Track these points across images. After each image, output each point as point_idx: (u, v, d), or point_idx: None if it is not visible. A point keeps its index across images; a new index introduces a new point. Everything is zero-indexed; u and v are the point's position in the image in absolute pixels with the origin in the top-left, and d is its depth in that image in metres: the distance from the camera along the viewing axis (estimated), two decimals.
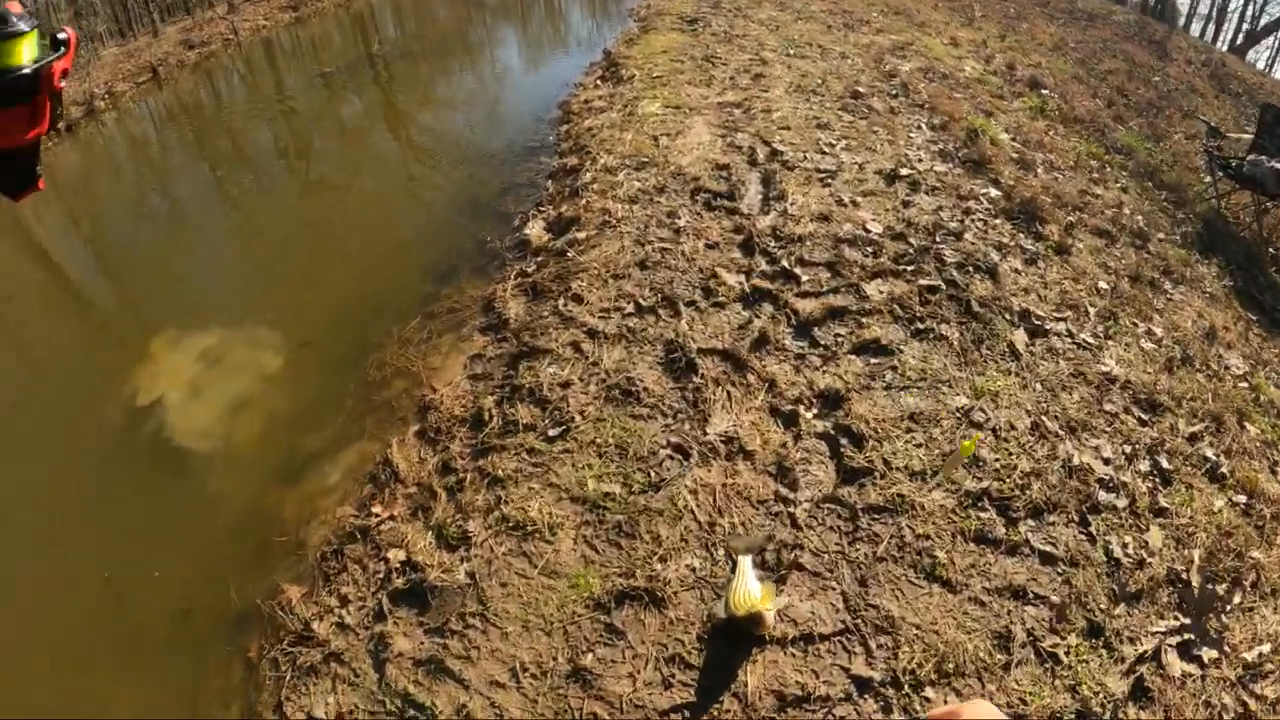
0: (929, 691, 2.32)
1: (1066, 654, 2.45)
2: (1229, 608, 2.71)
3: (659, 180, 4.81)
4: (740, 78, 6.69)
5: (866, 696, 2.31)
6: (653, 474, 2.89)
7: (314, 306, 4.72)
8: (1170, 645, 2.55)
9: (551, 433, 3.11)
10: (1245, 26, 17.04)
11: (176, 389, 4.12)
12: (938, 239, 4.25)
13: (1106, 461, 3.03)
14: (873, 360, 3.40)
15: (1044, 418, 3.23)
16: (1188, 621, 2.63)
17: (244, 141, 7.70)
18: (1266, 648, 2.56)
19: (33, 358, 4.77)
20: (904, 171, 5.01)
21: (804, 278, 3.80)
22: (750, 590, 2.42)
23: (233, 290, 5.07)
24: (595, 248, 4.19)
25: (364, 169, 7.09)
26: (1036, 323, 3.75)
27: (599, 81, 7.39)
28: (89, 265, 5.87)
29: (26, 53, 0.95)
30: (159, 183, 7.07)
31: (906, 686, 2.32)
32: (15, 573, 3.21)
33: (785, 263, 3.90)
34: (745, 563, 2.55)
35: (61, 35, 1.00)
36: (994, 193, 4.97)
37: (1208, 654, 2.54)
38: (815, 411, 3.12)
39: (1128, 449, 3.10)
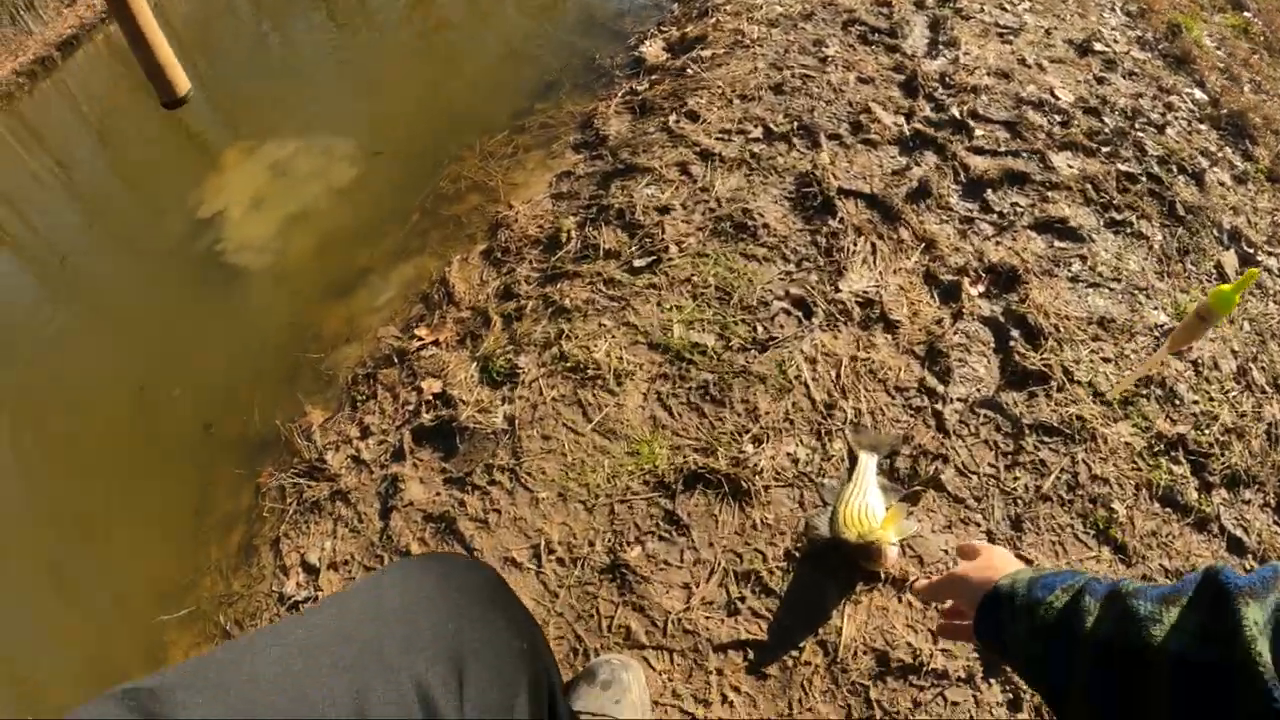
0: None
1: None
2: None
3: (806, 7, 3.98)
4: None
5: (993, 681, 1.64)
6: (760, 329, 2.20)
7: (395, 118, 4.28)
8: None
9: (638, 263, 2.44)
10: None
11: (239, 201, 3.87)
12: (1137, 126, 3.42)
13: None
14: (1057, 243, 2.62)
15: (1252, 365, 2.45)
16: None
17: None
18: None
19: (119, 168, 4.72)
20: (1097, 46, 4.13)
21: (978, 132, 3.00)
22: (870, 506, 1.75)
23: (318, 101, 4.71)
24: (721, 66, 3.43)
25: None
26: (1248, 250, 2.93)
27: None
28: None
29: None
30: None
31: None
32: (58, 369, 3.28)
33: (955, 111, 3.09)
34: (869, 465, 1.87)
35: None
36: (1199, 95, 4.06)
37: None
38: (982, 289, 2.38)
39: None
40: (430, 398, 2.38)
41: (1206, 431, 2.15)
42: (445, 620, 0.82)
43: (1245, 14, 6.49)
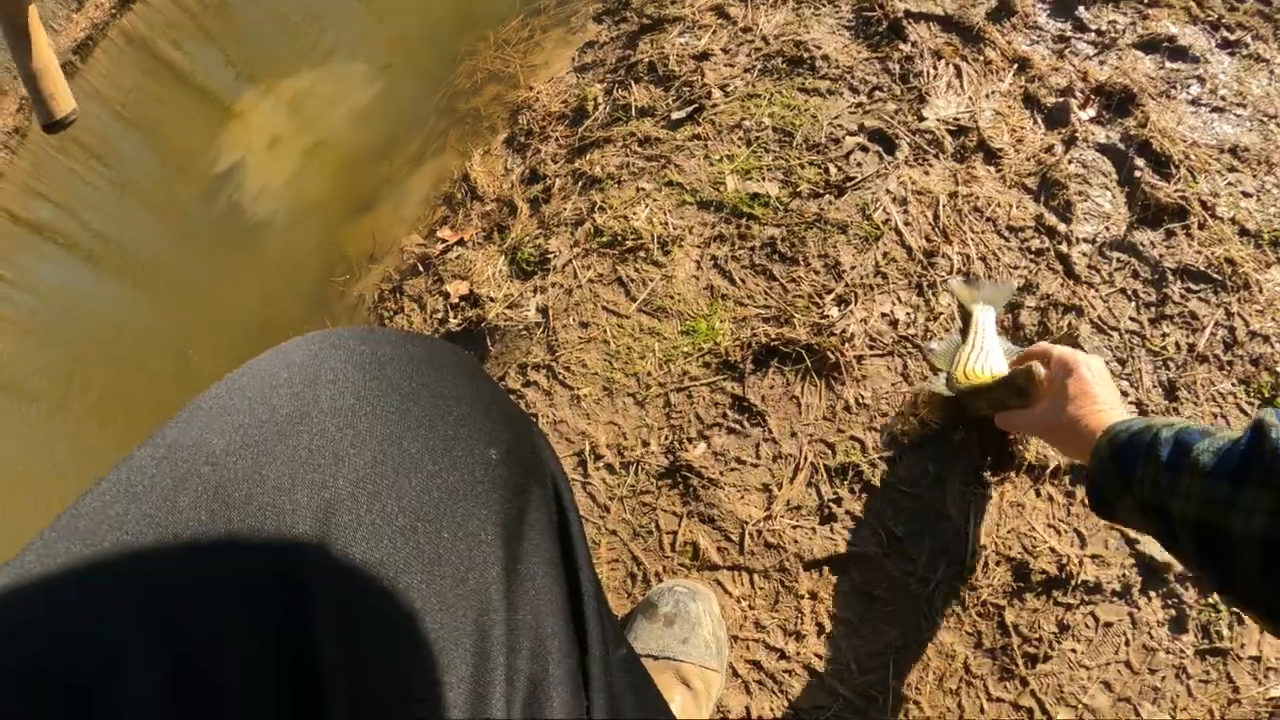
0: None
1: None
2: None
3: None
4: None
5: (1153, 594, 1.27)
6: (833, 170, 1.79)
7: (407, 27, 4.04)
8: None
9: (676, 115, 2.04)
10: None
11: (257, 146, 3.72)
12: None
13: None
14: (1168, 64, 2.17)
15: None
16: None
17: None
18: None
19: (148, 142, 4.58)
20: None
21: None
22: (992, 367, 1.36)
23: (331, 29, 4.45)
24: None
25: None
26: None
27: None
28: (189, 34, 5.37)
29: None
30: None
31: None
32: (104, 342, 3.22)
33: None
34: (986, 321, 1.48)
35: None
36: None
37: None
38: (1093, 113, 1.94)
39: None
40: (457, 300, 2.08)
41: None
42: (373, 424, 0.49)
43: None
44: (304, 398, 0.48)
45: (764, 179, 1.81)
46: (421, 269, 2.28)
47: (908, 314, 1.55)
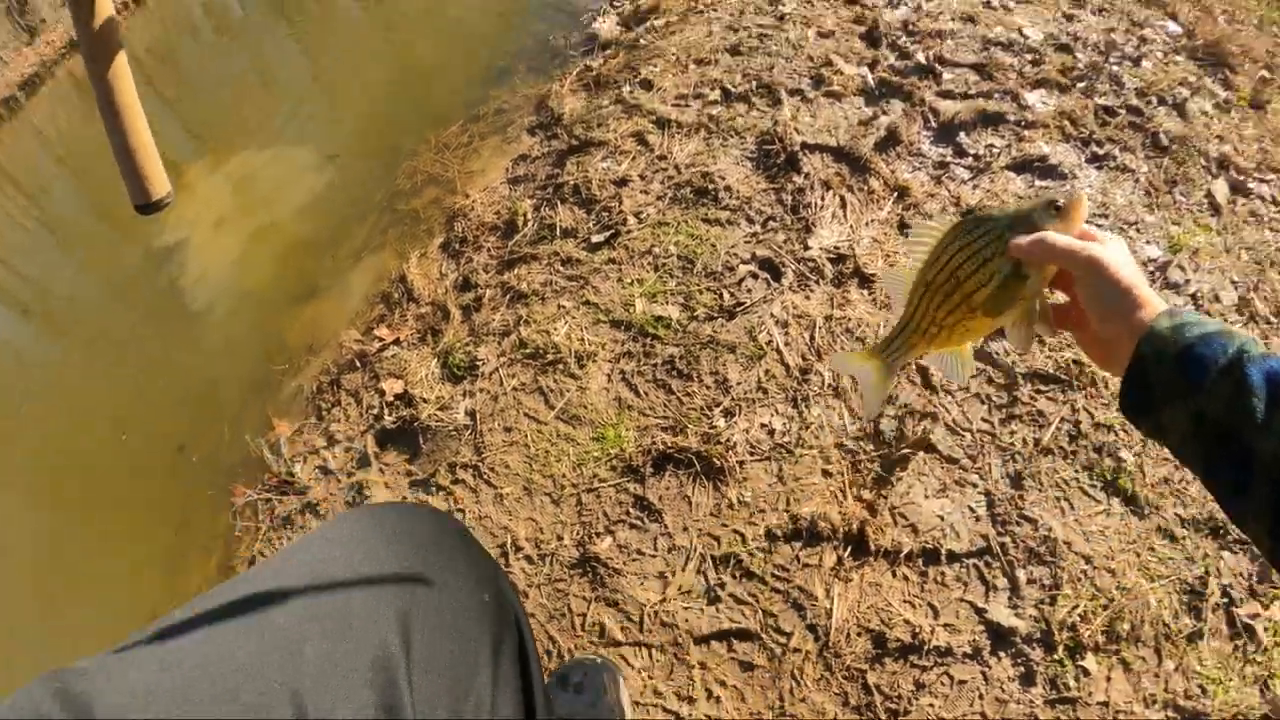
0: (1090, 661, 1.51)
1: (1265, 629, 1.59)
2: None
3: None
4: None
5: (1002, 655, 1.51)
6: (727, 296, 2.06)
7: (353, 120, 4.25)
8: None
9: (596, 238, 2.30)
10: None
11: (203, 222, 3.79)
12: (1111, 60, 3.31)
13: None
14: (1038, 182, 2.50)
15: (1253, 295, 2.32)
16: None
17: None
18: None
19: (89, 200, 4.67)
20: None
21: (945, 76, 2.88)
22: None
23: (279, 113, 4.63)
24: (676, 34, 3.29)
25: None
26: (1238, 176, 2.81)
27: None
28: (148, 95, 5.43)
29: None
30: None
31: (1062, 648, 1.51)
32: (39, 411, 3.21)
33: (921, 58, 2.97)
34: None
35: None
36: (1173, 28, 3.94)
37: None
38: None
39: None
40: (392, 399, 2.28)
41: None
42: (393, 577, 0.76)
43: None
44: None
45: (667, 303, 2.07)
46: (359, 364, 2.46)
47: (783, 424, 1.80)
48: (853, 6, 3.41)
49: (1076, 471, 1.78)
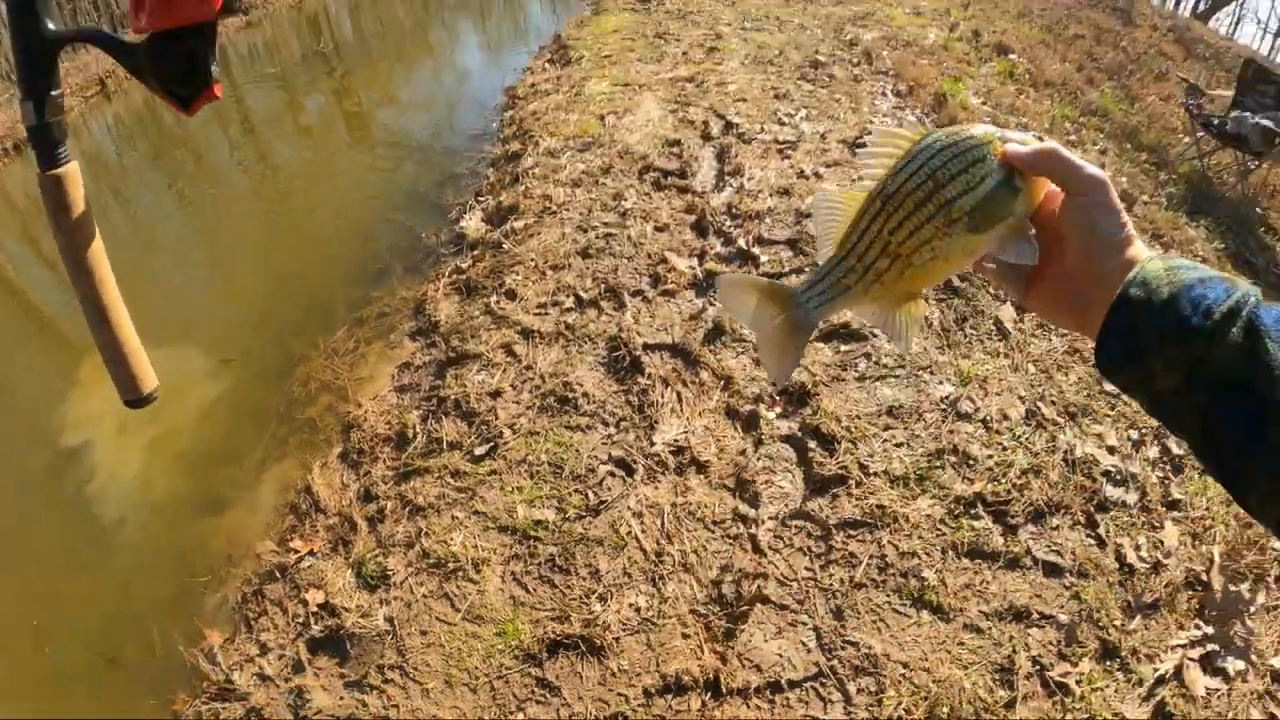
0: None
1: (1078, 683, 2.08)
2: (1253, 609, 2.35)
3: (604, 161, 4.42)
4: (694, 52, 6.30)
5: None
6: (591, 495, 2.50)
7: (240, 320, 4.44)
8: (1192, 659, 2.19)
9: (478, 451, 2.71)
10: None
11: (105, 427, 3.84)
12: None
13: (1112, 450, 2.65)
14: (843, 348, 3.02)
15: (1040, 404, 2.86)
16: (1210, 630, 2.26)
17: (187, 152, 7.39)
18: None
19: None
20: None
21: (763, 258, 3.43)
22: None
23: (172, 309, 4.77)
24: (533, 237, 3.79)
25: (299, 171, 6.78)
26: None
27: (546, 65, 6.98)
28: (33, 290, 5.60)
29: None
30: (101, 198, 6.66)
31: None
32: None
33: (742, 242, 3.52)
34: None
35: None
36: None
37: (1233, 665, 2.18)
38: (779, 411, 2.74)
39: (1134, 434, 2.73)
40: (315, 609, 2.56)
41: (1003, 480, 2.51)
42: None
43: (1010, 57, 7.31)
44: None
45: (544, 506, 2.49)
46: (279, 575, 2.72)
47: (646, 601, 2.22)
48: (685, 195, 3.97)
49: (888, 595, 2.24)
